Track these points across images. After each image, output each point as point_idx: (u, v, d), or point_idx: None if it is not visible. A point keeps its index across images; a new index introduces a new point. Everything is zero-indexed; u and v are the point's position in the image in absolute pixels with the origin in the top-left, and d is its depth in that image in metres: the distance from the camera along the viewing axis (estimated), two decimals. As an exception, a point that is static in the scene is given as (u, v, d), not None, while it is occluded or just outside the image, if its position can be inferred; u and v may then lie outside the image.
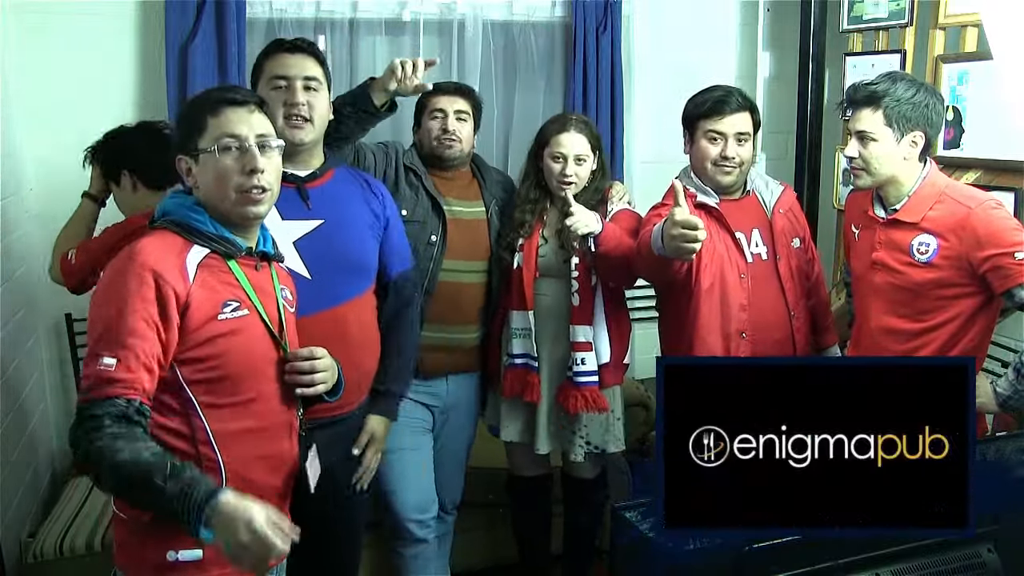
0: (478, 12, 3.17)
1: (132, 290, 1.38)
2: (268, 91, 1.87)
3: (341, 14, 3.05)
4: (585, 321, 2.28)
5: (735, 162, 2.20)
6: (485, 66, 3.21)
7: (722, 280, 2.19)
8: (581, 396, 2.27)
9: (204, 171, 1.51)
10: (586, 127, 2.32)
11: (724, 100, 2.19)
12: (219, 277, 1.50)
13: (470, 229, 2.34)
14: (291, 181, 1.87)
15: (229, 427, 1.48)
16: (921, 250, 1.98)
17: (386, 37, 3.13)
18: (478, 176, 2.43)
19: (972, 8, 2.55)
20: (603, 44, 3.20)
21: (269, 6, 2.96)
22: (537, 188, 2.35)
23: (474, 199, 2.39)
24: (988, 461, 1.52)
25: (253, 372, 1.52)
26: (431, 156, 2.35)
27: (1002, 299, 1.95)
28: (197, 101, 1.58)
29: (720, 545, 1.31)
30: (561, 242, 2.30)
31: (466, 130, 2.35)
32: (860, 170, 2.01)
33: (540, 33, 3.29)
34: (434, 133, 2.32)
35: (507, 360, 2.36)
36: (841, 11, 3.12)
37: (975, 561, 1.37)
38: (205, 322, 1.45)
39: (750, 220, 2.26)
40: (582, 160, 2.28)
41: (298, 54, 1.90)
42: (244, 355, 1.50)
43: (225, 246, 1.52)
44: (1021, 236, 1.90)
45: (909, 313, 2.02)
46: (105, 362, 1.35)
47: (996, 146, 2.52)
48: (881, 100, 1.95)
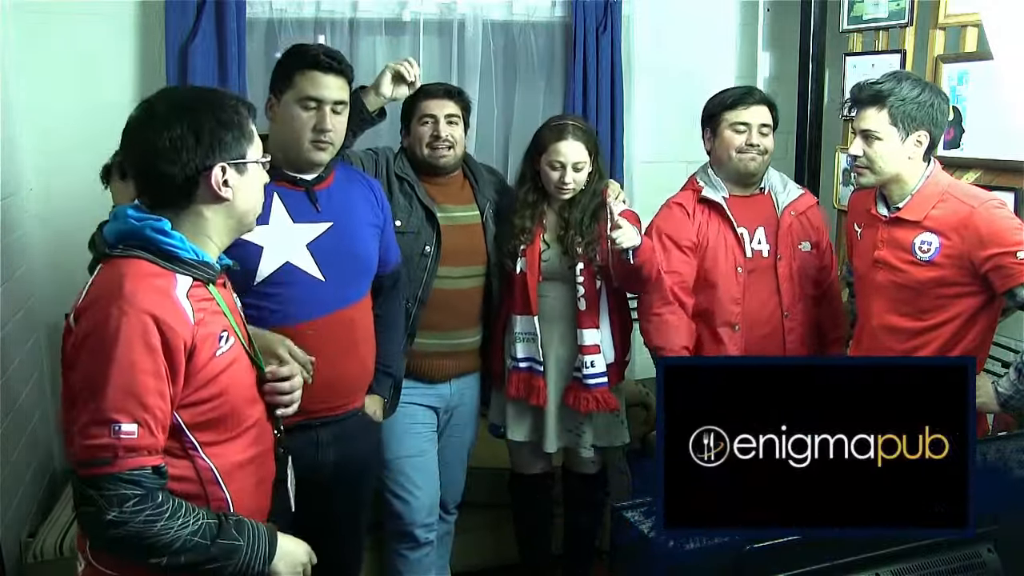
0: (478, 12, 3.17)
1: (136, 343, 1.24)
2: (297, 109, 1.86)
3: (341, 14, 3.05)
4: (592, 324, 2.30)
5: (760, 149, 2.27)
6: (485, 66, 3.21)
7: (716, 272, 2.26)
8: (592, 397, 2.31)
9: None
10: (583, 133, 2.30)
11: (748, 92, 2.31)
12: (208, 308, 1.37)
13: (466, 234, 2.33)
14: (299, 185, 1.90)
15: (232, 460, 1.41)
16: (923, 248, 1.98)
17: (386, 37, 3.13)
18: (470, 178, 2.41)
19: (972, 8, 2.55)
20: (603, 44, 3.20)
21: (269, 6, 2.96)
22: (535, 192, 2.34)
23: (468, 203, 2.37)
24: (988, 461, 1.51)
25: (248, 400, 1.45)
26: (424, 163, 2.31)
27: (1003, 299, 1.95)
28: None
29: (720, 545, 1.31)
30: (564, 247, 2.30)
31: (458, 134, 2.32)
32: (864, 168, 2.01)
33: (540, 33, 3.29)
34: (426, 140, 2.28)
35: (511, 363, 2.36)
36: (841, 11, 3.11)
37: (975, 561, 1.37)
38: (207, 362, 1.34)
39: (756, 217, 2.30)
40: (580, 167, 2.27)
41: (332, 74, 1.87)
42: (240, 387, 1.42)
43: (206, 272, 1.37)
44: (1023, 236, 1.90)
45: (911, 312, 2.02)
46: (125, 429, 1.22)
47: (996, 146, 2.52)
48: (886, 99, 1.95)
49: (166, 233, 1.33)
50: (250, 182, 1.40)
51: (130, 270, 1.30)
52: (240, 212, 1.40)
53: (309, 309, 1.84)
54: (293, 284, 1.84)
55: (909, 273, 2.00)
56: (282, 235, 1.85)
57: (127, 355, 1.24)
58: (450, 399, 2.40)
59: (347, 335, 1.91)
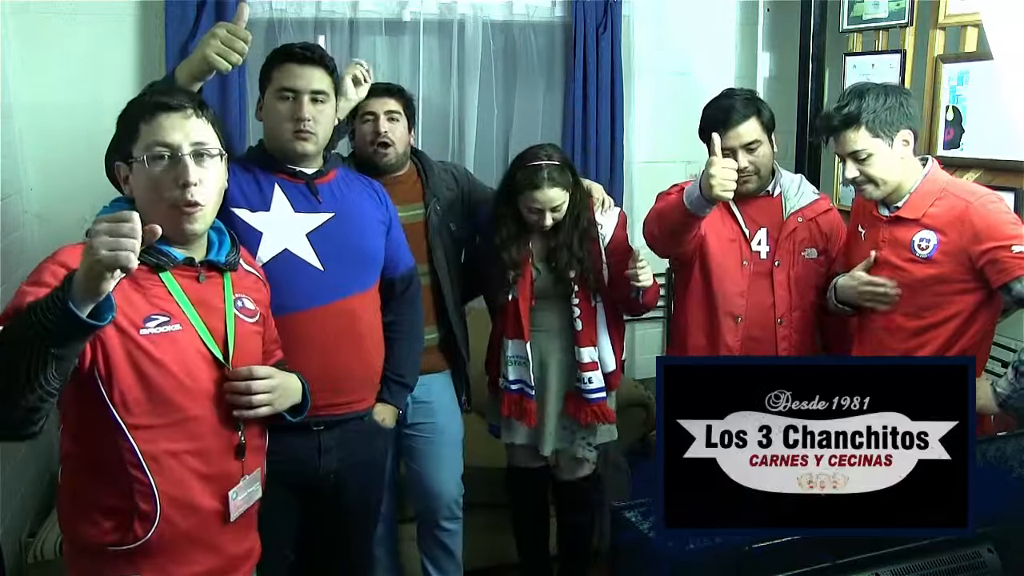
0: (478, 12, 3.17)
1: (36, 279, 1.30)
2: (275, 102, 1.87)
3: (341, 14, 3.05)
4: (590, 343, 2.33)
5: (748, 171, 2.22)
6: (485, 66, 3.21)
7: (721, 261, 2.27)
8: (591, 410, 2.35)
9: (137, 181, 1.41)
10: (559, 174, 2.22)
11: (727, 113, 2.20)
12: (144, 291, 1.38)
13: (410, 234, 2.23)
14: (300, 177, 1.91)
15: (161, 448, 1.39)
16: (922, 246, 1.99)
17: (386, 37, 3.13)
18: (422, 175, 2.37)
19: (972, 8, 2.55)
20: (603, 44, 3.20)
21: (269, 6, 2.96)
22: (515, 223, 2.29)
23: (414, 201, 2.33)
24: (988, 461, 1.52)
25: (186, 391, 1.42)
26: (368, 163, 2.28)
27: (1001, 295, 1.96)
28: (133, 104, 1.48)
29: (720, 545, 1.32)
30: (552, 268, 2.30)
31: (399, 131, 2.28)
32: (866, 184, 2.02)
33: (540, 33, 3.29)
34: (368, 137, 2.27)
35: (503, 383, 2.38)
36: (841, 11, 3.11)
37: (975, 561, 1.37)
38: (121, 336, 1.35)
39: (759, 220, 2.29)
40: (559, 208, 2.25)
41: (307, 65, 1.87)
42: (175, 373, 1.40)
43: (156, 257, 1.39)
44: (1019, 230, 1.90)
45: (910, 310, 2.02)
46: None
47: (996, 146, 2.52)
48: (860, 117, 1.96)
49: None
50: (138, 177, 1.41)
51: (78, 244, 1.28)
52: (140, 204, 1.40)
53: (308, 298, 1.84)
54: (291, 272, 1.84)
55: (908, 271, 2.01)
56: (282, 223, 1.86)
57: (26, 286, 1.30)
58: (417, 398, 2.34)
59: (348, 327, 1.90)
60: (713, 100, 2.29)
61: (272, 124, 1.90)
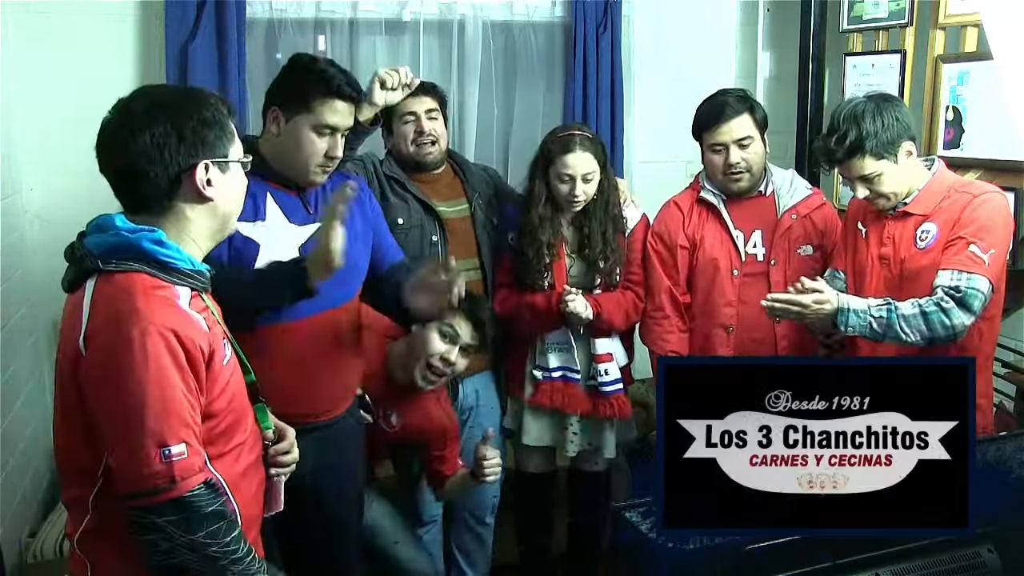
0: (478, 12, 3.16)
1: (165, 361, 1.21)
2: (309, 132, 1.82)
3: (341, 14, 3.04)
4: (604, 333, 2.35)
5: (741, 167, 2.24)
6: (485, 66, 3.20)
7: (712, 273, 2.29)
8: (609, 404, 2.36)
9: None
10: (591, 143, 2.27)
11: (720, 109, 2.23)
12: (209, 317, 1.34)
13: (459, 228, 2.33)
14: (292, 189, 1.89)
15: (236, 471, 1.37)
16: (922, 237, 2.02)
17: (386, 37, 3.12)
18: (459, 173, 2.42)
19: (972, 8, 2.55)
20: (603, 44, 3.19)
21: (269, 6, 2.96)
22: (548, 205, 2.30)
23: (458, 197, 2.38)
24: (988, 461, 1.52)
25: (246, 407, 1.43)
26: (410, 161, 2.32)
27: (1002, 293, 1.97)
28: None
29: (720, 545, 1.32)
30: (585, 260, 2.33)
31: (440, 128, 2.33)
32: (879, 198, 2.03)
33: (540, 33, 3.28)
34: (410, 137, 2.30)
35: (542, 374, 2.37)
36: (841, 11, 3.11)
37: (975, 561, 1.37)
38: (220, 371, 1.32)
39: (753, 220, 2.30)
40: (589, 178, 2.25)
41: (351, 103, 1.85)
42: (241, 394, 1.40)
43: (201, 281, 1.34)
44: (994, 235, 1.93)
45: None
46: (175, 451, 1.20)
47: (996, 146, 2.52)
48: (863, 144, 1.96)
49: (163, 244, 1.29)
50: (232, 182, 1.36)
51: (135, 286, 1.25)
52: (223, 213, 1.37)
53: (294, 309, 1.80)
54: None
55: (908, 262, 2.03)
56: (278, 234, 1.85)
57: (159, 375, 1.21)
58: (464, 400, 2.40)
59: (333, 336, 1.90)
60: (706, 99, 2.31)
61: (300, 154, 1.83)
